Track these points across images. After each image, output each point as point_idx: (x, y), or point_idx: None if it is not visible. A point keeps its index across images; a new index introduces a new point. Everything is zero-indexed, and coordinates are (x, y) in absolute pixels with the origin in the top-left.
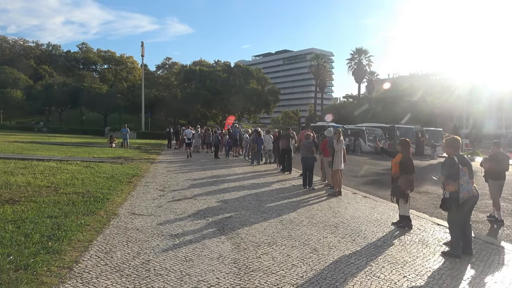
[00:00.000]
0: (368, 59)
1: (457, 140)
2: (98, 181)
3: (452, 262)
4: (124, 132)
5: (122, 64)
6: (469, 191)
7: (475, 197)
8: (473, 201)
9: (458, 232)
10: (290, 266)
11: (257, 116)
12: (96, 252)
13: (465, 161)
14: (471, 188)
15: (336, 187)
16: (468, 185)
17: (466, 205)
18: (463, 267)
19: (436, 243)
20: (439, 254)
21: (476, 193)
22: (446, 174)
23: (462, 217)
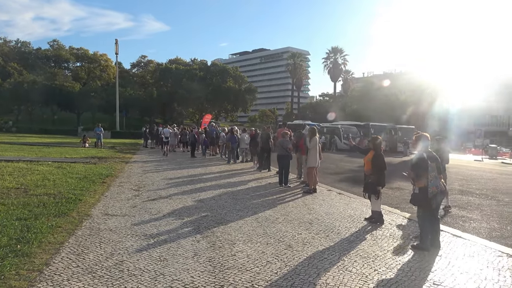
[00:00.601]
0: (344, 58)
1: (425, 136)
2: (70, 182)
3: (421, 255)
4: (97, 132)
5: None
6: (437, 186)
7: (443, 192)
8: (441, 196)
9: (427, 226)
10: (265, 263)
11: (234, 115)
12: (68, 254)
13: (434, 157)
14: (439, 183)
15: (311, 184)
16: (436, 180)
17: (434, 200)
18: (431, 259)
19: (406, 237)
20: (409, 247)
21: (444, 188)
22: (415, 170)
23: (430, 212)
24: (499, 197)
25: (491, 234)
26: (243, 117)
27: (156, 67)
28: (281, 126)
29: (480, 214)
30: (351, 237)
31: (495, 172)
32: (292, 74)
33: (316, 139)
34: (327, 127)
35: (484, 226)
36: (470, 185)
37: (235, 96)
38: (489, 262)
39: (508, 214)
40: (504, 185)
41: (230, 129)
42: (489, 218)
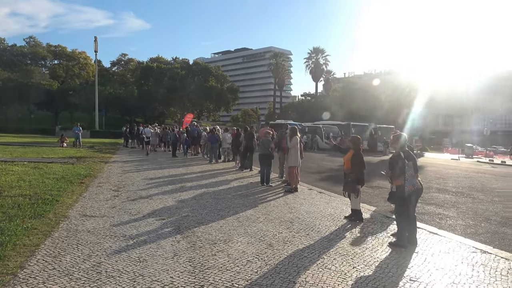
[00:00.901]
0: (325, 58)
1: (403, 136)
2: (47, 182)
3: (398, 252)
4: (76, 131)
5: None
6: (414, 185)
7: (419, 190)
8: (418, 194)
9: (404, 224)
10: (245, 262)
11: (216, 114)
12: (44, 256)
13: (411, 156)
14: (415, 182)
15: (293, 183)
16: (413, 179)
17: (411, 198)
18: (408, 256)
19: (384, 235)
20: (387, 245)
21: (420, 187)
22: (393, 169)
23: (407, 209)
24: (474, 195)
25: (466, 231)
26: (226, 117)
27: (137, 65)
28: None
29: (456, 212)
30: (331, 236)
31: (470, 171)
32: (275, 73)
33: (297, 138)
34: (308, 127)
35: (460, 223)
36: (447, 183)
37: (217, 95)
38: (463, 258)
39: (483, 212)
40: (479, 183)
41: (211, 129)
42: (464, 215)
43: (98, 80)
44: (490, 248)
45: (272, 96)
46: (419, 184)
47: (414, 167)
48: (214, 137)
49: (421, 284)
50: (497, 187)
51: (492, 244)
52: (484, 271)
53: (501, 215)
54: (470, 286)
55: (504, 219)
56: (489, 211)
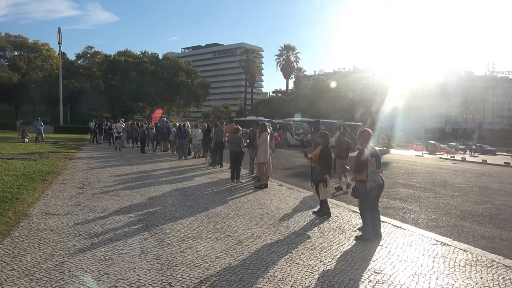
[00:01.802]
0: (296, 55)
1: (367, 132)
2: (6, 179)
3: (363, 245)
4: (37, 126)
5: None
6: (375, 180)
7: (381, 185)
8: (380, 189)
9: (368, 218)
10: (214, 258)
11: (187, 110)
12: (1, 256)
13: (374, 152)
14: (377, 177)
15: (263, 179)
16: (375, 174)
17: (373, 193)
18: (373, 249)
19: (351, 229)
20: (353, 239)
21: (382, 182)
22: (356, 165)
23: (371, 204)
24: (436, 190)
25: (428, 224)
26: (196, 113)
27: (104, 58)
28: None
29: (419, 206)
30: (300, 231)
31: (433, 167)
32: (246, 70)
33: (266, 135)
34: (279, 123)
35: (422, 217)
36: (411, 179)
37: (188, 91)
38: (425, 250)
39: (444, 206)
40: (441, 179)
41: (181, 125)
42: (426, 209)
43: (63, 74)
44: (450, 241)
45: (243, 92)
46: (381, 180)
47: (377, 163)
48: (182, 133)
49: (385, 276)
50: (457, 182)
51: (452, 236)
52: (444, 263)
53: (461, 209)
54: (431, 277)
55: (463, 212)
56: (450, 205)
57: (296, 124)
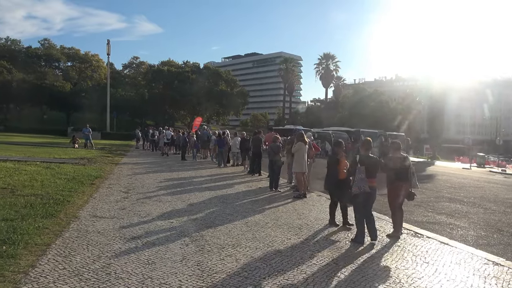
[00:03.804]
0: (336, 64)
1: (368, 141)
2: (58, 182)
3: (408, 261)
4: (86, 132)
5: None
6: (360, 187)
7: (368, 194)
8: (366, 197)
9: (359, 221)
10: (253, 268)
11: (225, 118)
12: (54, 256)
13: (366, 161)
14: (363, 185)
15: (301, 189)
16: (361, 181)
17: (358, 199)
18: (418, 266)
19: (394, 243)
20: (396, 254)
21: (369, 191)
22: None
23: (361, 209)
24: (486, 205)
25: (477, 242)
26: (235, 121)
27: (148, 68)
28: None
29: (467, 222)
30: (340, 244)
31: (482, 181)
32: (284, 79)
33: (302, 144)
34: (318, 133)
35: (471, 234)
36: (458, 193)
37: (227, 99)
38: (475, 270)
39: (495, 222)
40: (491, 193)
41: (220, 133)
42: (476, 226)
43: (110, 83)
44: (503, 260)
45: (281, 101)
46: (367, 188)
47: (369, 171)
48: (222, 141)
49: None
50: (509, 198)
51: (505, 256)
52: (496, 284)
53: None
54: None
55: None
56: (502, 222)
57: (335, 133)
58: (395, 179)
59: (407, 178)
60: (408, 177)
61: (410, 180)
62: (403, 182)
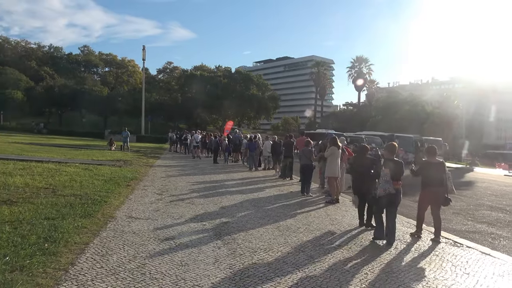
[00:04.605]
0: (369, 67)
1: (393, 145)
2: (96, 183)
3: (445, 270)
4: (124, 135)
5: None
6: (385, 189)
7: (392, 195)
8: (390, 199)
9: (378, 220)
10: (286, 273)
11: (256, 122)
12: (92, 254)
13: (390, 165)
14: (387, 187)
15: (333, 194)
16: (386, 184)
17: (382, 200)
18: (458, 276)
19: (431, 252)
20: (434, 263)
21: (394, 192)
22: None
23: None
24: None
25: None
26: (266, 125)
27: (182, 73)
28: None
29: (511, 232)
30: (375, 250)
31: None
32: (316, 82)
33: (335, 148)
34: (350, 137)
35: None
36: (500, 201)
37: (258, 103)
38: None
39: None
40: None
41: (252, 136)
42: None
43: (145, 87)
44: None
45: (313, 105)
46: (392, 190)
47: (394, 174)
48: (253, 145)
49: None
50: None
51: None
52: None
53: None
54: None
55: None
56: None
57: (368, 137)
58: (430, 184)
59: (443, 183)
60: (444, 183)
61: (446, 186)
62: (438, 187)
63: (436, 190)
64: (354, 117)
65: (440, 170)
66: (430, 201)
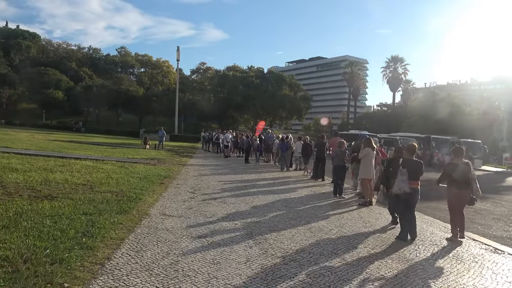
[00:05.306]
0: (404, 67)
1: (413, 145)
2: (131, 181)
3: (484, 277)
4: (160, 135)
5: (158, 68)
6: (400, 188)
7: (408, 194)
8: (406, 197)
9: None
10: (318, 275)
11: (288, 122)
12: (127, 250)
13: (409, 165)
14: (402, 186)
15: (367, 196)
16: (401, 183)
17: (399, 198)
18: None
19: (471, 259)
20: (473, 271)
21: (409, 191)
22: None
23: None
24: None
25: None
26: (298, 125)
27: (214, 73)
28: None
29: None
30: (410, 255)
31: None
32: (349, 82)
33: (369, 150)
34: (384, 138)
35: None
36: None
37: (290, 103)
38: None
39: None
40: None
41: (284, 137)
42: None
43: (179, 87)
44: None
45: (346, 105)
46: (408, 189)
47: (412, 174)
48: (285, 145)
49: None
50: None
51: None
52: None
53: None
54: None
55: None
56: None
57: (403, 139)
58: (455, 185)
59: (468, 184)
60: (470, 183)
61: (471, 186)
62: (464, 188)
63: (461, 191)
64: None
65: (466, 171)
66: (456, 201)
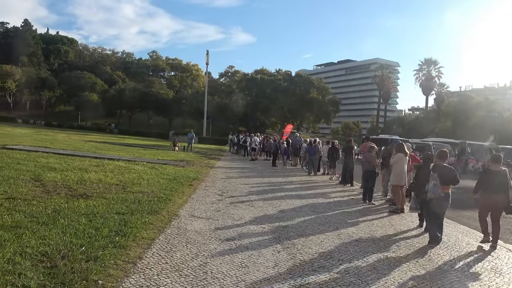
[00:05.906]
0: (438, 70)
1: (444, 152)
2: (161, 182)
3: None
4: (189, 137)
5: (187, 72)
6: (434, 193)
7: (441, 199)
8: (439, 202)
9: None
10: (348, 283)
11: (316, 126)
12: (158, 250)
13: (439, 170)
14: (436, 191)
15: (398, 203)
16: (434, 187)
17: (432, 203)
18: None
19: (510, 272)
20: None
21: (443, 195)
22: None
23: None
24: None
25: None
26: (326, 129)
27: (242, 77)
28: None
29: None
30: (445, 266)
31: None
32: (380, 86)
33: (401, 155)
34: (416, 143)
35: None
36: None
37: (318, 107)
38: None
39: None
40: None
41: (311, 141)
42: None
43: (207, 90)
44: None
45: (375, 109)
46: (442, 193)
47: (443, 179)
48: (313, 149)
49: None
50: None
51: None
52: None
53: None
54: None
55: None
56: None
57: (437, 145)
58: (489, 192)
59: (504, 191)
60: (507, 191)
61: (507, 193)
62: (500, 194)
63: (496, 197)
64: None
65: (502, 178)
66: (489, 208)
